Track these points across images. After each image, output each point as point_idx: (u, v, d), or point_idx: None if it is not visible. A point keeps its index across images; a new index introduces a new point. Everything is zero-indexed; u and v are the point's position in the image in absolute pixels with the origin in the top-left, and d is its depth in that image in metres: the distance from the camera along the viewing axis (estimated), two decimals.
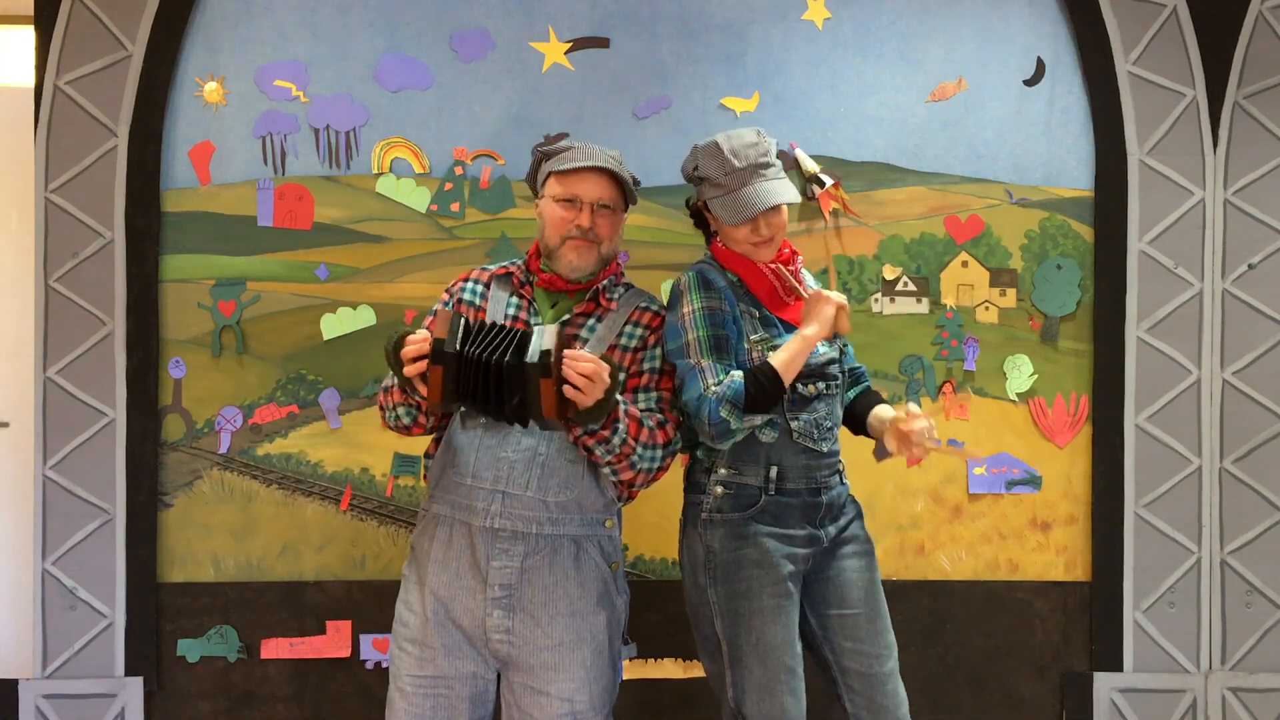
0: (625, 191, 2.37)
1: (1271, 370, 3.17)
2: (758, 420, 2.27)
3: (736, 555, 2.32)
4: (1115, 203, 3.15)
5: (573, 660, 2.24)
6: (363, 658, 3.06)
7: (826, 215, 3.12)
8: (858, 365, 2.62)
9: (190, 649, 3.06)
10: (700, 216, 2.45)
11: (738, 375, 2.25)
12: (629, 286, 2.43)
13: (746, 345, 2.32)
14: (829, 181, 3.10)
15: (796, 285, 2.39)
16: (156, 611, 3.04)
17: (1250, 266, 3.17)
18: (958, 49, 3.14)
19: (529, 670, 2.24)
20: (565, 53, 3.10)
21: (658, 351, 2.35)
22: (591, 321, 2.34)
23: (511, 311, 2.33)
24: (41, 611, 3.02)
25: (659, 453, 2.27)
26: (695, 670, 3.11)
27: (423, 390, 2.10)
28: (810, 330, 2.29)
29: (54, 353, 3.01)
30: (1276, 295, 3.17)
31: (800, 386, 2.34)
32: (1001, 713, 3.18)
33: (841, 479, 2.44)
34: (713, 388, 2.23)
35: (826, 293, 2.33)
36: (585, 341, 2.31)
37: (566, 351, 2.08)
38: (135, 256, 3.02)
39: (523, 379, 2.05)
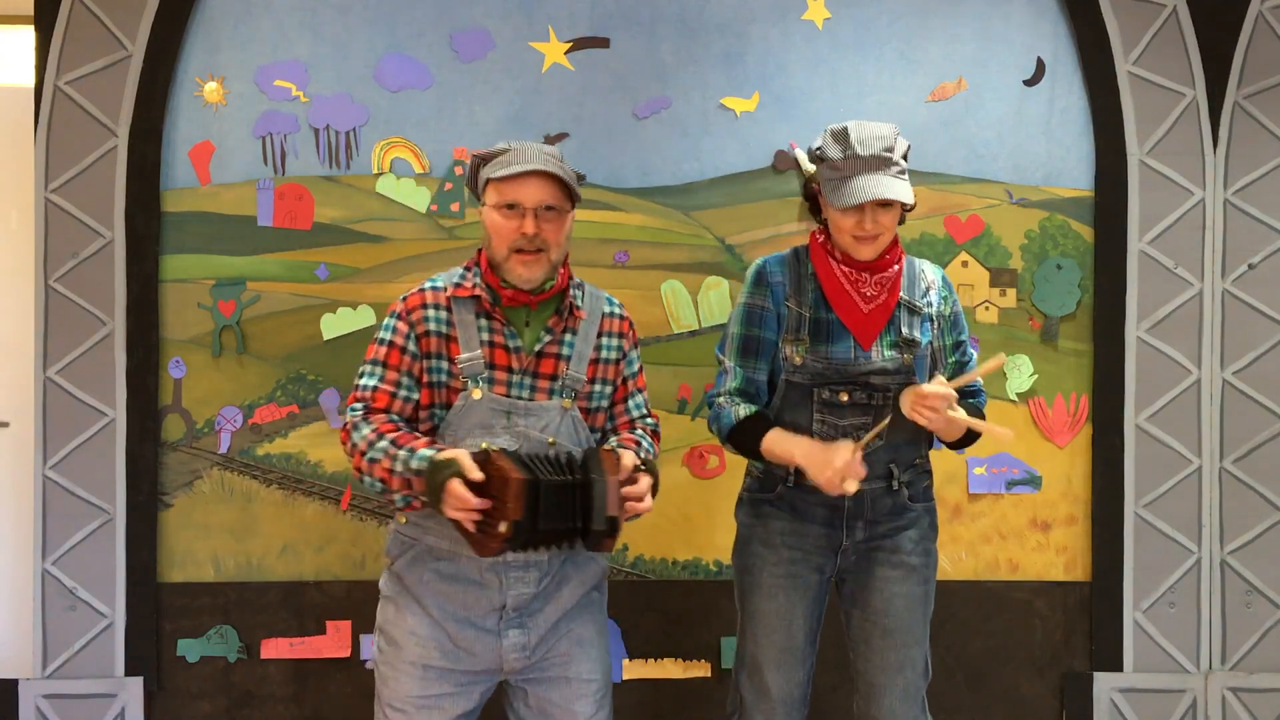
0: (570, 191, 2.23)
1: (1271, 370, 3.17)
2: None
3: (748, 532, 2.44)
4: (1115, 203, 3.14)
5: (583, 639, 2.29)
6: (363, 658, 3.06)
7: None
8: (976, 386, 2.44)
9: (190, 649, 3.06)
10: (816, 201, 2.39)
11: (739, 411, 2.32)
12: (581, 285, 2.34)
13: (781, 343, 2.33)
14: None
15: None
16: (156, 611, 3.04)
17: (1250, 266, 3.17)
18: (958, 49, 3.14)
19: (545, 665, 2.26)
20: (565, 53, 3.10)
21: (634, 355, 2.38)
22: (568, 336, 2.26)
23: (485, 336, 2.23)
24: (41, 611, 3.02)
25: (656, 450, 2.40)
26: (695, 670, 3.11)
27: (471, 531, 2.09)
28: (803, 463, 2.23)
29: (54, 353, 3.01)
30: (1276, 295, 3.17)
31: (829, 391, 2.32)
32: (1001, 713, 3.18)
33: (892, 484, 2.36)
34: (720, 399, 2.36)
35: (843, 456, 2.18)
36: (567, 360, 2.25)
37: (620, 483, 2.11)
38: (135, 256, 3.02)
39: (596, 543, 2.13)
